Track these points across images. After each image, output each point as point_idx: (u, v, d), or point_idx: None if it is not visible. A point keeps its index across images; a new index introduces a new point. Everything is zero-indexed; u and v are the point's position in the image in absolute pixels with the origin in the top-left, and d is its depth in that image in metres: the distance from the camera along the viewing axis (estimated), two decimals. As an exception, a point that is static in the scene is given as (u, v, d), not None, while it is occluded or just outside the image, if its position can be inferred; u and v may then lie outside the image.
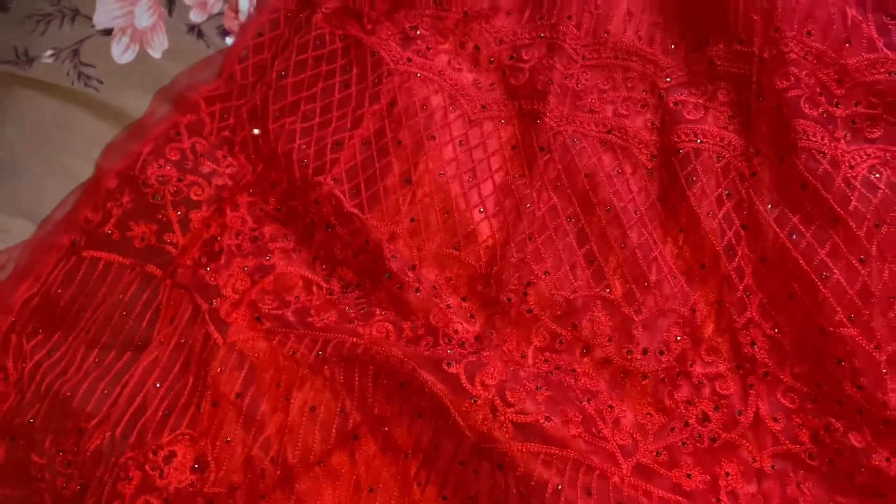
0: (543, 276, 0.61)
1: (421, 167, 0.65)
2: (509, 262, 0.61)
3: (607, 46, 0.69)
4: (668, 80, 0.67)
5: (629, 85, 0.68)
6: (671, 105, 0.65)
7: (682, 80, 0.67)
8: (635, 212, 0.63)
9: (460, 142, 0.67)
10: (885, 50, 0.64)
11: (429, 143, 0.65)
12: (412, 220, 0.63)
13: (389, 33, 0.70)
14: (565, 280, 0.61)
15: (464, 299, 0.62)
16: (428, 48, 0.70)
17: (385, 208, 0.64)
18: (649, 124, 0.66)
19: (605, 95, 0.68)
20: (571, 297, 0.61)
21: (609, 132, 0.66)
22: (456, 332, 0.61)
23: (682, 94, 0.66)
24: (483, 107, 0.69)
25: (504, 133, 0.67)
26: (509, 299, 0.60)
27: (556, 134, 0.65)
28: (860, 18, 0.65)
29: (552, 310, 0.61)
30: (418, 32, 0.71)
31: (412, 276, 0.62)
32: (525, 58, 0.69)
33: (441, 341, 0.60)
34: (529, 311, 0.60)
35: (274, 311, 0.62)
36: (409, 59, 0.69)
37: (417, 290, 0.61)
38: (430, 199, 0.64)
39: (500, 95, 0.69)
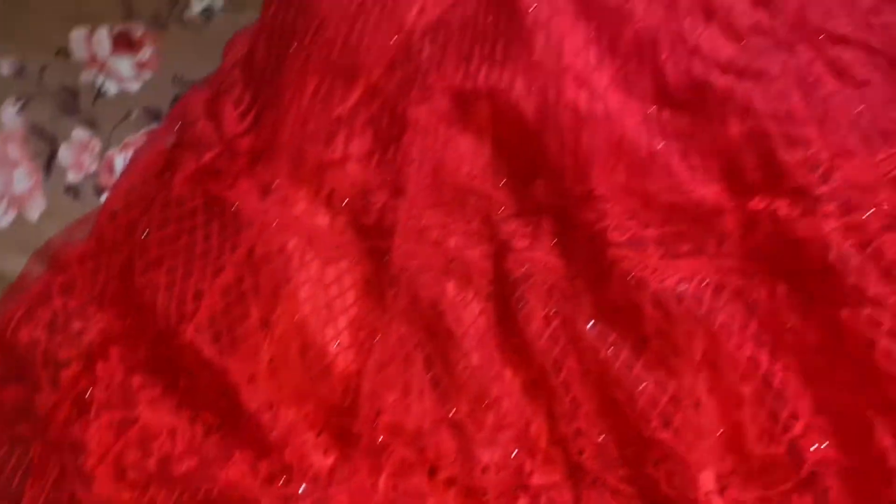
0: (394, 405, 0.66)
1: (279, 309, 0.70)
2: (362, 393, 0.66)
3: (446, 185, 0.77)
4: (501, 211, 0.75)
5: (467, 219, 0.75)
6: (503, 235, 0.73)
7: (513, 212, 0.74)
8: (476, 336, 0.69)
9: (316, 282, 0.72)
10: (684, 174, 0.73)
11: (285, 286, 0.71)
12: (271, 360, 0.68)
13: (248, 187, 0.77)
14: (414, 406, 0.66)
15: (320, 434, 0.67)
16: (285, 197, 0.77)
17: (244, 352, 0.68)
18: (486, 253, 0.73)
19: (447, 229, 0.75)
20: (419, 422, 0.66)
21: (451, 263, 0.73)
22: (311, 466, 0.65)
23: (512, 225, 0.73)
24: (337, 247, 0.75)
25: (357, 271, 0.73)
26: (361, 430, 0.65)
27: (402, 269, 0.71)
28: (658, 149, 0.74)
29: (402, 437, 0.65)
30: (276, 184, 0.77)
31: (269, 415, 0.66)
32: (374, 200, 0.76)
33: (296, 477, 0.64)
34: (381, 439, 0.65)
35: (137, 462, 0.65)
36: (267, 211, 0.75)
37: (274, 428, 0.66)
38: (288, 339, 0.69)
39: (353, 236, 0.75)
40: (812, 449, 0.60)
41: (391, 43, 0.84)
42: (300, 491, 0.62)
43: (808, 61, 0.78)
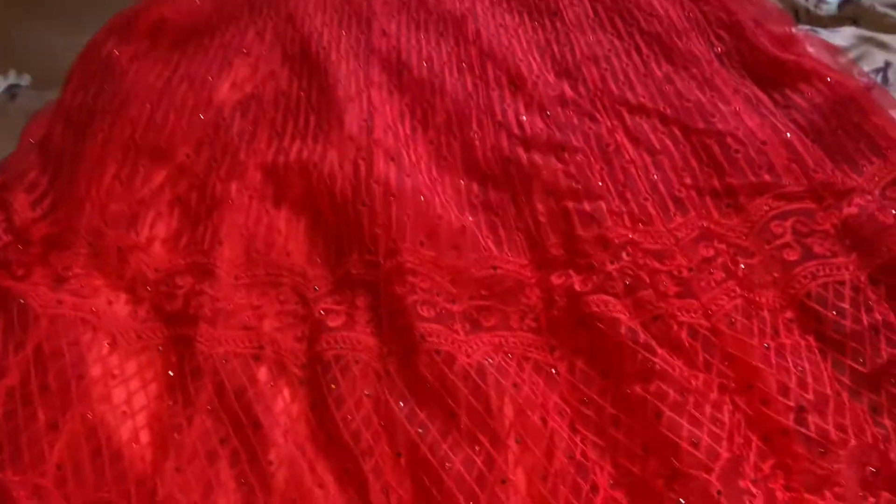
0: None
1: (70, 410, 0.65)
2: (158, 497, 0.62)
3: (258, 264, 0.75)
4: (316, 289, 0.74)
5: (282, 298, 0.73)
6: (317, 314, 0.71)
7: (327, 289, 0.73)
8: (286, 425, 0.66)
9: (114, 376, 0.68)
10: (491, 248, 0.75)
11: (78, 383, 0.66)
12: (59, 467, 0.63)
13: (41, 276, 0.72)
14: None
15: None
16: (83, 285, 0.72)
17: (28, 461, 0.63)
18: (300, 334, 0.71)
19: (259, 311, 0.73)
20: None
21: (261, 348, 0.70)
22: None
23: (327, 303, 0.72)
24: (139, 337, 0.71)
25: (159, 362, 0.70)
26: None
27: (206, 357, 0.68)
28: (467, 223, 0.75)
29: None
30: (71, 272, 0.73)
31: None
32: (179, 284, 0.73)
33: None
34: None
35: None
36: (60, 301, 0.71)
37: None
38: (79, 441, 0.64)
39: (157, 325, 0.72)
40: None
41: (200, 120, 0.83)
42: None
43: (609, 130, 0.82)
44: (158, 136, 0.81)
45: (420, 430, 0.64)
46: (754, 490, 0.59)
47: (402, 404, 0.66)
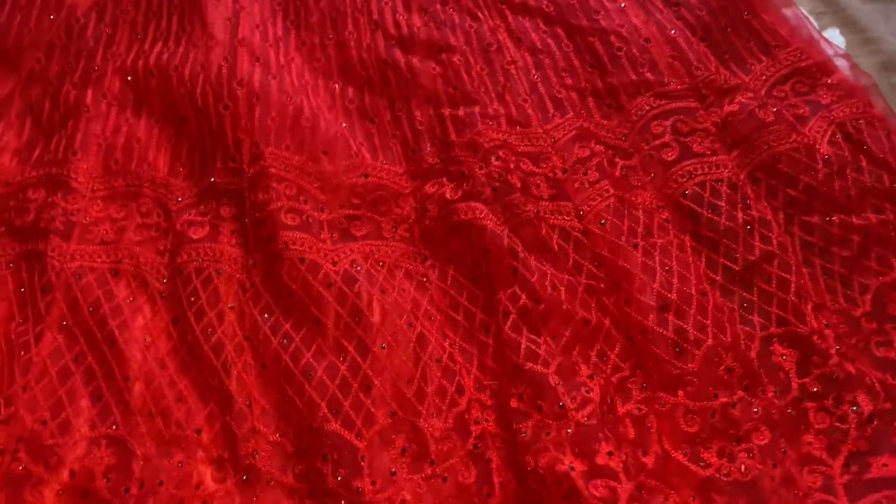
0: (41, 427, 0.60)
1: None
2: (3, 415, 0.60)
3: (118, 176, 0.71)
4: (179, 200, 0.70)
5: (143, 210, 0.70)
6: (179, 226, 0.68)
7: (191, 200, 0.70)
8: (143, 341, 0.64)
9: None
10: (365, 156, 0.72)
11: None
12: None
13: None
14: (62, 427, 0.60)
15: None
16: None
17: None
18: (161, 248, 0.68)
19: (118, 224, 0.69)
20: (56, 444, 0.59)
21: (120, 262, 0.67)
22: None
23: (190, 214, 0.69)
24: None
25: (10, 278, 0.66)
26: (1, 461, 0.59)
27: (58, 273, 0.65)
28: (339, 128, 0.72)
29: (45, 462, 0.59)
30: None
31: None
32: (31, 197, 0.69)
33: None
34: (24, 468, 0.59)
35: None
36: None
37: None
38: None
39: (5, 240, 0.68)
40: (475, 423, 0.61)
41: (50, 21, 0.77)
42: None
43: (490, 29, 0.79)
44: (3, 40, 0.76)
45: (284, 341, 0.62)
46: (590, 384, 0.59)
47: (266, 315, 0.64)
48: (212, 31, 0.75)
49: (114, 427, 0.61)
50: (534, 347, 0.61)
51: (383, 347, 0.62)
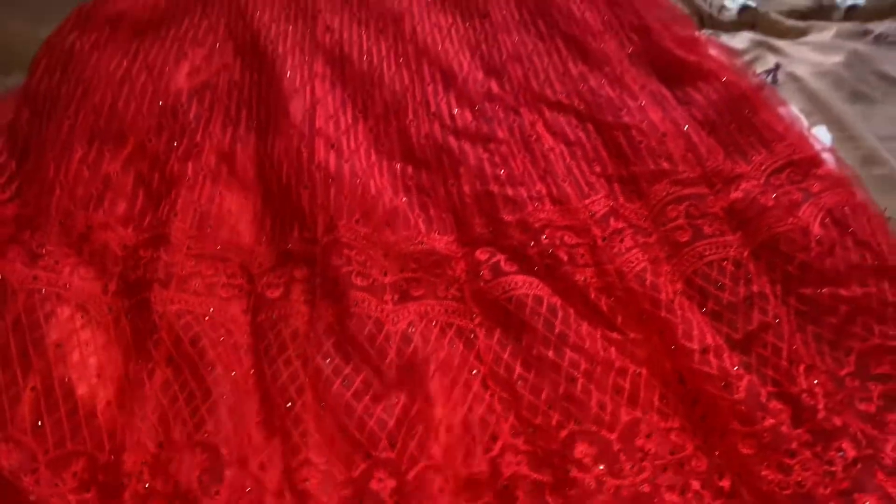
0: (158, 450, 0.70)
1: (47, 375, 0.72)
2: (125, 447, 0.71)
3: (210, 240, 0.83)
4: (260, 266, 0.82)
5: (229, 272, 0.82)
6: (259, 288, 0.80)
7: (270, 265, 0.82)
8: (233, 374, 0.74)
9: (86, 343, 0.76)
10: (421, 226, 0.84)
11: (55, 351, 0.74)
12: (35, 424, 0.71)
13: (16, 254, 0.79)
14: (171, 443, 0.70)
15: (88, 490, 0.70)
16: (56, 262, 0.80)
17: (7, 419, 0.70)
18: (245, 307, 0.80)
19: (208, 280, 0.81)
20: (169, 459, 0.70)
21: (212, 312, 0.78)
22: None
23: (269, 278, 0.81)
24: (109, 309, 0.79)
25: (127, 328, 0.78)
26: (126, 483, 0.69)
27: (161, 315, 0.76)
28: (400, 203, 0.85)
29: (163, 478, 0.69)
30: (45, 249, 0.80)
31: (31, 479, 0.69)
32: (142, 255, 0.81)
33: None
34: (147, 487, 0.69)
35: None
36: (36, 277, 0.78)
37: (35, 491, 0.68)
38: (56, 402, 0.72)
39: (124, 295, 0.79)
40: (507, 466, 0.70)
41: (159, 106, 0.90)
42: None
43: (531, 122, 0.92)
44: (121, 122, 0.88)
45: (344, 383, 0.73)
46: (648, 446, 0.70)
47: (328, 360, 0.74)
48: (294, 121, 0.88)
49: (206, 434, 0.70)
50: (599, 411, 0.72)
51: (431, 396, 0.73)
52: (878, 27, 1.05)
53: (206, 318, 0.78)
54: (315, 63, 0.94)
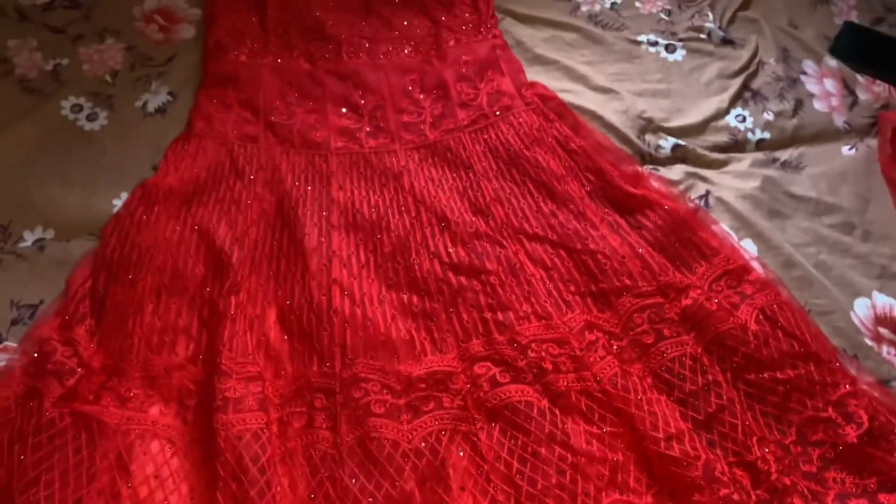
0: None
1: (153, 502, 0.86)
2: None
3: (249, 363, 0.98)
4: (281, 396, 0.97)
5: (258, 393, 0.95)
6: (285, 417, 0.95)
7: (290, 395, 0.97)
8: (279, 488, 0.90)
9: (177, 472, 0.89)
10: (427, 350, 1.01)
11: (154, 481, 0.87)
12: None
13: (109, 400, 0.94)
14: None
15: None
16: (142, 403, 0.94)
17: None
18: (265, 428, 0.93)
19: (257, 397, 0.94)
20: None
21: (266, 425, 0.92)
22: None
23: (292, 406, 0.96)
24: (192, 439, 0.92)
25: (207, 452, 0.90)
26: None
27: (225, 439, 0.89)
28: (408, 333, 1.02)
29: None
30: (132, 393, 0.95)
31: None
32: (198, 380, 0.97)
33: None
34: None
35: None
36: (128, 419, 0.92)
37: None
38: None
39: (201, 426, 0.92)
40: None
41: (209, 259, 1.07)
42: None
43: (514, 252, 1.11)
44: (181, 277, 1.04)
45: (370, 500, 0.88)
46: None
47: (354, 481, 0.89)
48: (313, 272, 1.05)
49: None
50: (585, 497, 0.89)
51: (444, 494, 0.89)
52: (783, 155, 1.28)
53: (263, 432, 0.91)
54: (331, 216, 1.13)
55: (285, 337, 1.02)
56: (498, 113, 1.24)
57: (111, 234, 1.08)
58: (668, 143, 1.27)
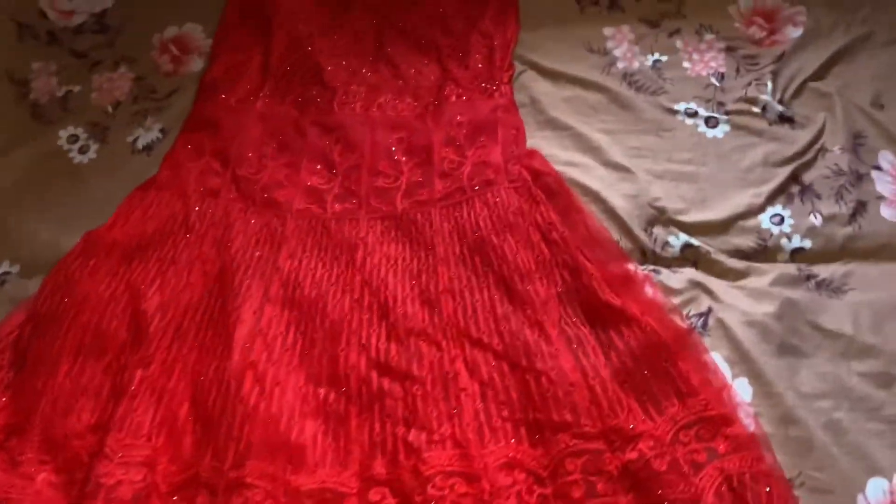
0: None
1: None
2: None
3: (144, 448, 0.93)
4: (170, 483, 0.91)
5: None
6: None
7: (178, 484, 0.91)
8: None
9: None
10: (326, 462, 0.92)
11: None
12: None
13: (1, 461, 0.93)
14: None
15: None
16: (33, 470, 0.92)
17: None
18: None
19: (136, 486, 0.90)
20: None
21: None
22: None
23: (176, 498, 0.90)
24: None
25: None
26: None
27: None
28: (310, 439, 0.93)
29: None
30: (24, 457, 0.92)
31: None
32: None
33: None
34: None
35: None
36: (12, 486, 0.89)
37: None
38: None
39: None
40: None
41: (133, 324, 1.03)
42: None
43: (451, 359, 0.98)
44: (103, 338, 1.01)
45: None
46: None
47: None
48: (232, 350, 0.98)
49: None
50: None
51: None
52: (824, 272, 1.03)
53: None
54: (271, 287, 1.05)
55: (191, 417, 0.96)
56: (477, 188, 1.10)
57: (48, 282, 1.07)
58: (678, 240, 1.07)
